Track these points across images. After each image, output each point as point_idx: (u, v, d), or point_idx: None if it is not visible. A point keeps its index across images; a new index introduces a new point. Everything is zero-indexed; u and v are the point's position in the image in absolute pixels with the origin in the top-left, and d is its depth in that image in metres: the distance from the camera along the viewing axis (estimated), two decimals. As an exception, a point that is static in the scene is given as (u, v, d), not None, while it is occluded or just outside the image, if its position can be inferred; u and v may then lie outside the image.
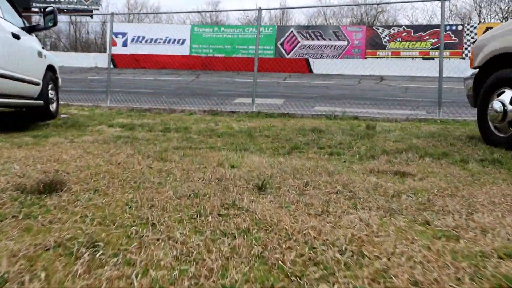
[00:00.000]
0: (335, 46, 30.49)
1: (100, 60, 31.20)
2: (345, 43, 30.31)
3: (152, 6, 48.89)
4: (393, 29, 30.04)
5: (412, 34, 29.43)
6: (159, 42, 32.81)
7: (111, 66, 32.27)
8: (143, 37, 32.95)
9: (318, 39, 30.95)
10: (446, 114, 9.92)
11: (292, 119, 10.09)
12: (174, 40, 32.56)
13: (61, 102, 12.26)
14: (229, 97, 19.66)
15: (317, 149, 6.20)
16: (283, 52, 31.13)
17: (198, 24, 34.81)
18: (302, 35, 31.14)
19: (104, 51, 33.23)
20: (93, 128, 8.32)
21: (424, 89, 23.46)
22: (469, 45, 28.55)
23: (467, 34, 28.67)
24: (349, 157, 5.52)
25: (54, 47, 36.92)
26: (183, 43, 32.63)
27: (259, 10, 11.13)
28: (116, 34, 33.23)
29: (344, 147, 6.31)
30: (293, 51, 31.21)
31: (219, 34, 32.52)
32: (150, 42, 32.86)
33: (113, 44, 33.32)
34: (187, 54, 32.24)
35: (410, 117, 9.75)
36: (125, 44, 33.17)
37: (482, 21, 31.02)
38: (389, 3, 29.67)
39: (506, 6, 32.89)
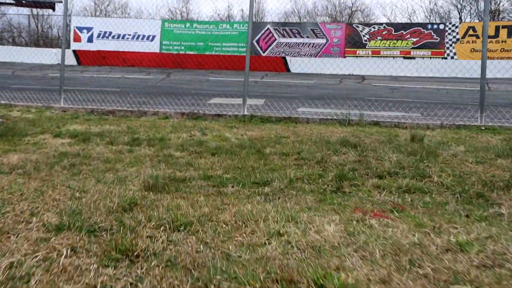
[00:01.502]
0: (313, 44, 28.06)
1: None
2: (324, 41, 27.93)
3: (120, 1, 45.69)
4: (374, 27, 27.83)
5: (392, 32, 27.27)
6: (127, 38, 29.66)
7: (75, 63, 29.34)
8: (110, 33, 29.75)
9: (295, 37, 28.45)
10: (489, 119, 7.68)
11: (297, 124, 7.66)
12: (144, 36, 29.50)
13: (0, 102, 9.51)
14: (204, 96, 17.11)
15: (375, 178, 3.79)
16: (259, 50, 28.60)
17: (169, 20, 31.92)
18: (279, 32, 28.62)
19: (68, 47, 30.00)
20: (32, 139, 5.72)
21: (410, 89, 21.41)
22: (450, 45, 26.63)
23: (449, 34, 26.72)
24: (448, 199, 3.13)
25: (13, 42, 33.42)
26: (153, 39, 29.60)
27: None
28: (81, 29, 29.99)
29: (413, 174, 3.91)
30: (269, 49, 28.67)
31: (191, 30, 29.64)
32: (118, 38, 29.68)
33: (78, 39, 30.10)
34: (157, 51, 29.25)
35: (446, 123, 7.47)
36: (90, 39, 29.94)
37: (464, 20, 29.27)
38: None
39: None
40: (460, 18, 32.64)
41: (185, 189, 3.14)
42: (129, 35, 29.43)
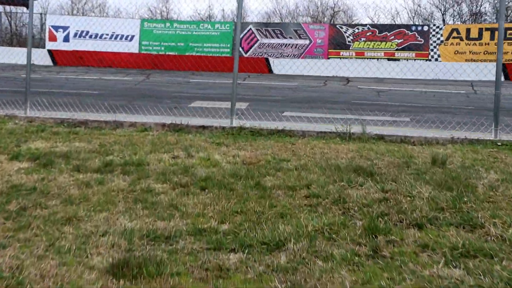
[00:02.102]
0: (296, 45, 27.12)
1: (38, 56, 26.59)
2: (307, 42, 27.01)
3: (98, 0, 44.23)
4: (357, 28, 27.03)
5: (376, 33, 26.48)
6: (105, 38, 28.28)
7: (51, 64, 27.95)
8: (87, 32, 28.35)
9: (278, 37, 27.47)
10: (504, 133, 6.83)
11: (291, 139, 6.73)
12: (122, 36, 28.17)
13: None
14: (185, 99, 16.21)
15: (413, 228, 2.95)
16: (241, 50, 27.52)
17: (148, 19, 30.68)
18: (261, 32, 27.61)
19: (43, 47, 28.64)
20: (-18, 162, 4.74)
21: (396, 92, 20.72)
22: (435, 47, 26.02)
23: (433, 35, 26.09)
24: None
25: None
26: (131, 39, 28.30)
27: (240, -13, 7.73)
28: (57, 28, 28.56)
29: (458, 220, 3.07)
30: (251, 49, 27.66)
31: (171, 30, 28.41)
32: (95, 37, 28.30)
33: (53, 39, 28.68)
34: (136, 51, 27.95)
35: (457, 137, 6.64)
36: (66, 39, 28.52)
37: (447, 22, 28.73)
38: None
39: (468, 8, 30.74)
40: (443, 20, 32.13)
41: (170, 265, 2.20)
42: (107, 34, 28.13)
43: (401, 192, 3.66)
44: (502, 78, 24.66)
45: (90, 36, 28.26)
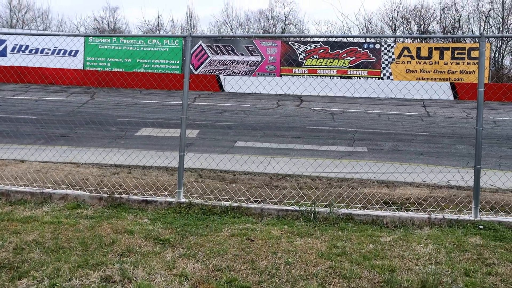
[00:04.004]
0: (248, 62, 26.20)
1: (-28, 72, 24.62)
2: (259, 59, 26.14)
3: (40, 9, 41.76)
4: (310, 45, 26.45)
5: (329, 51, 25.97)
6: (47, 53, 26.54)
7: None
8: (27, 47, 26.37)
9: (229, 54, 26.45)
10: (486, 210, 6.03)
11: (248, 220, 5.73)
12: (65, 51, 26.40)
13: None
14: (132, 126, 15.07)
15: None
16: (191, 67, 26.44)
17: (93, 35, 28.91)
18: (212, 49, 26.51)
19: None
20: None
21: (351, 115, 20.22)
22: (386, 65, 25.72)
23: (385, 53, 25.80)
24: None
25: None
26: (75, 54, 26.54)
27: (187, 36, 6.69)
28: (-8, 42, 26.65)
29: None
30: (201, 66, 26.50)
31: (118, 45, 26.86)
32: (36, 52, 26.48)
33: (-11, 54, 26.70)
34: (81, 68, 26.35)
35: (434, 217, 5.82)
36: (3, 53, 26.44)
37: (398, 40, 28.51)
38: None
39: (417, 26, 30.71)
40: (394, 37, 31.99)
41: None
42: (49, 49, 26.31)
43: None
44: (452, 97, 24.75)
45: (30, 51, 26.34)
